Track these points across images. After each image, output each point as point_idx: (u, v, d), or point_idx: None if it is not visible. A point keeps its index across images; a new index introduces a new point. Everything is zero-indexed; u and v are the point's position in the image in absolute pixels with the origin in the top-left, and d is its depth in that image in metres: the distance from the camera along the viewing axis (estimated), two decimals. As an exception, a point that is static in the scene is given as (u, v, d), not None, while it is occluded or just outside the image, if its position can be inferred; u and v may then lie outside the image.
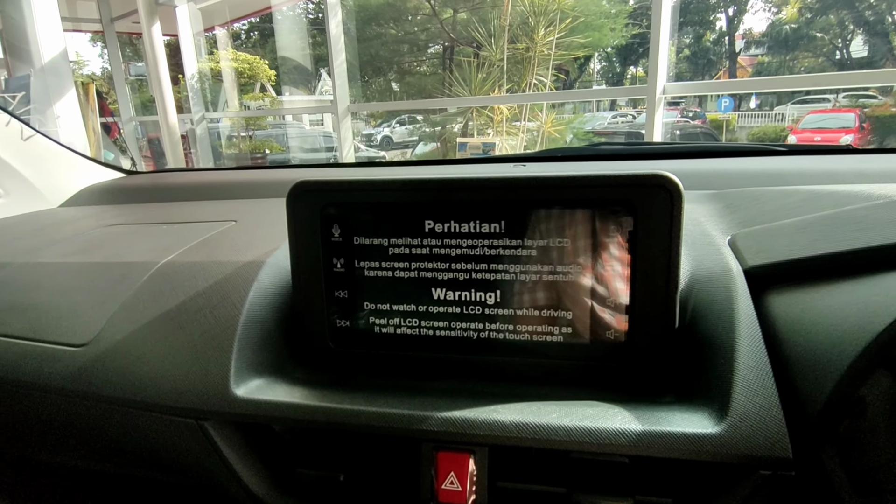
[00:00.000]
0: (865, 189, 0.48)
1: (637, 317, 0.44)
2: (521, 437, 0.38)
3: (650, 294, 0.43)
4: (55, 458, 0.55)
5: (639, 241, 0.43)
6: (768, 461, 0.35)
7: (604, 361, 0.45)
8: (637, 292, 0.43)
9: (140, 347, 0.49)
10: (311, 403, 0.43)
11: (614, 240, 0.43)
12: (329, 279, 0.49)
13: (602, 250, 0.44)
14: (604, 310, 0.44)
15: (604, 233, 0.43)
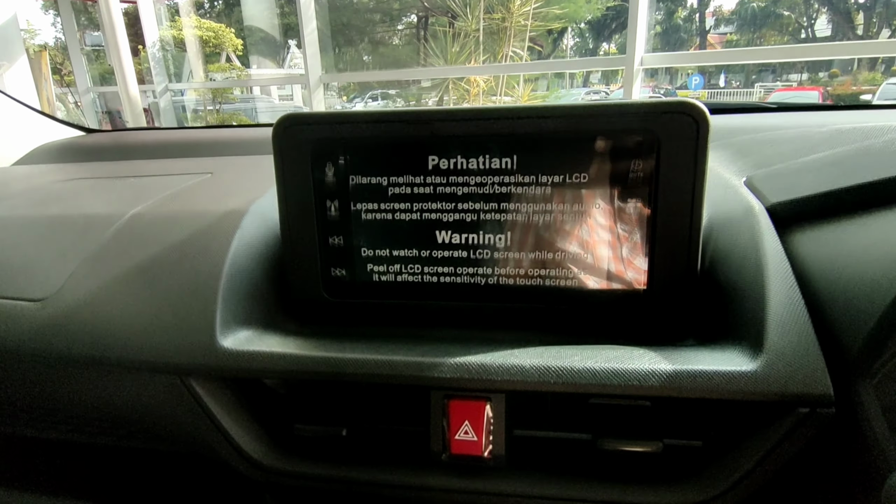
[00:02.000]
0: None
1: (658, 259, 0.41)
2: (543, 382, 0.35)
3: (672, 234, 0.40)
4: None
5: (661, 175, 0.39)
6: (807, 398, 0.33)
7: (622, 307, 0.42)
8: (658, 232, 0.40)
9: (108, 302, 0.44)
10: (307, 353, 0.39)
11: (634, 174, 0.40)
12: (322, 224, 0.44)
13: (621, 186, 0.40)
14: (622, 251, 0.41)
15: (623, 166, 0.40)
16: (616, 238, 0.41)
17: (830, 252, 0.38)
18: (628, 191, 0.40)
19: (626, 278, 0.42)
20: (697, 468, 0.36)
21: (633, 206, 0.40)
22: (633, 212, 0.41)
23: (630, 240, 0.41)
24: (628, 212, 0.41)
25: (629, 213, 0.41)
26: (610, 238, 0.41)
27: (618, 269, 0.42)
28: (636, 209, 0.40)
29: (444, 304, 0.44)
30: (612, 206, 0.41)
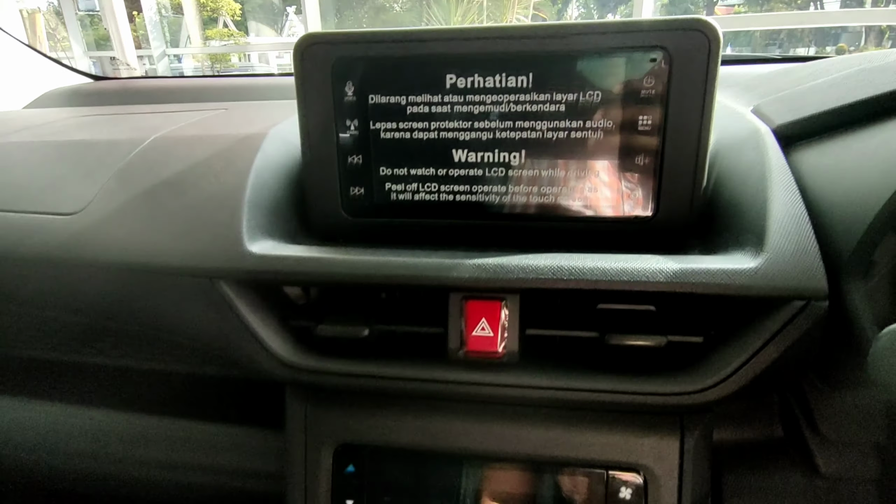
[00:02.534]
0: None
1: (666, 174, 0.42)
2: (557, 280, 0.37)
3: (681, 151, 0.42)
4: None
5: (672, 92, 0.41)
6: (803, 292, 0.35)
7: (630, 225, 0.44)
8: (667, 149, 0.42)
9: (138, 213, 0.45)
10: (331, 257, 0.41)
11: (647, 91, 0.41)
12: (342, 143, 0.46)
13: (633, 103, 0.42)
14: (633, 168, 0.43)
15: (636, 84, 0.41)
16: (627, 154, 0.43)
17: (832, 164, 0.40)
18: (641, 108, 0.42)
19: (636, 192, 0.44)
20: (697, 360, 0.39)
21: (644, 122, 0.42)
22: (645, 129, 0.42)
23: (640, 157, 0.43)
24: (640, 129, 0.42)
25: (641, 130, 0.42)
26: (621, 154, 0.43)
27: (628, 183, 0.44)
28: (648, 126, 0.42)
29: (459, 222, 0.46)
30: (625, 124, 0.42)
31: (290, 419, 0.46)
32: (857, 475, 0.42)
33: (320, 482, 0.44)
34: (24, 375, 0.59)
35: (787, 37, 13.81)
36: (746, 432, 0.45)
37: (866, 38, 13.58)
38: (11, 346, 0.60)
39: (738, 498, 0.43)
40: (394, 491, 0.44)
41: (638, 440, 0.41)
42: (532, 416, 0.43)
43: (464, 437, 0.43)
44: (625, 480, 0.41)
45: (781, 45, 15.80)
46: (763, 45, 15.86)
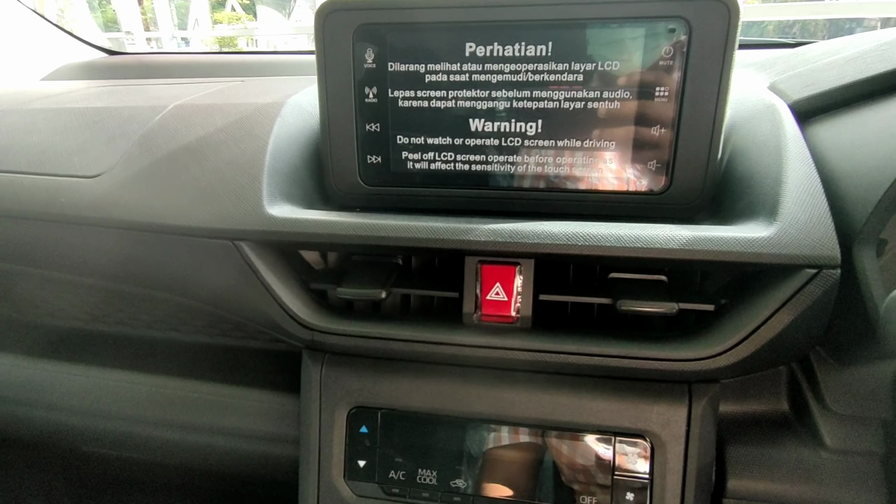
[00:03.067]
0: None
1: (682, 146, 0.43)
2: (571, 245, 0.38)
3: (697, 121, 0.42)
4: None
5: (690, 62, 0.41)
6: (816, 260, 0.35)
7: (645, 194, 0.44)
8: (684, 119, 0.42)
9: (161, 176, 0.46)
10: (350, 220, 0.41)
11: (665, 61, 0.42)
12: (360, 111, 0.47)
13: (651, 73, 0.42)
14: (649, 139, 0.43)
15: (655, 53, 0.41)
16: (644, 124, 0.43)
17: (848, 138, 0.40)
18: (658, 78, 0.42)
19: (651, 164, 0.44)
20: (707, 328, 0.39)
21: (661, 93, 0.42)
22: (661, 100, 0.42)
23: (656, 128, 0.43)
24: (657, 100, 0.42)
25: (657, 101, 0.42)
26: (637, 124, 0.43)
27: (643, 157, 0.44)
28: (664, 97, 0.42)
29: (474, 192, 0.47)
30: (641, 94, 0.42)
31: (306, 382, 0.47)
32: (862, 449, 0.43)
33: (334, 443, 0.46)
34: (57, 342, 0.60)
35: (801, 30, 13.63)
36: (752, 406, 0.46)
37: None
38: (43, 316, 0.62)
39: (742, 469, 0.44)
40: (405, 452, 0.45)
41: (646, 407, 0.42)
42: (542, 383, 0.43)
43: (475, 401, 0.44)
44: (632, 446, 0.42)
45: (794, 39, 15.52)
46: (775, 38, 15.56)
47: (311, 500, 0.46)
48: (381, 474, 0.45)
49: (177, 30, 6.30)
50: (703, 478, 0.42)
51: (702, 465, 0.41)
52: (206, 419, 0.53)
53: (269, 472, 0.54)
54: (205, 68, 0.91)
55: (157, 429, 0.55)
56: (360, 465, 0.45)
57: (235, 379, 0.54)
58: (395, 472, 0.45)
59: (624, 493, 0.42)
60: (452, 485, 0.44)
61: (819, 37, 2.24)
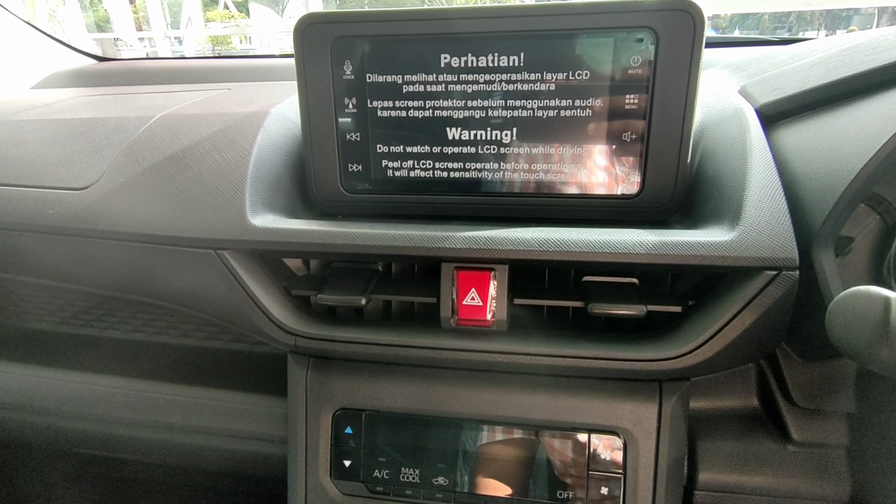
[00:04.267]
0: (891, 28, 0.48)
1: (652, 151, 0.44)
2: (544, 251, 0.39)
3: (667, 127, 0.43)
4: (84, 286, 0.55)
5: (658, 71, 0.42)
6: (775, 262, 0.37)
7: (618, 199, 0.46)
8: (654, 126, 0.44)
9: (146, 186, 0.48)
10: (330, 229, 0.43)
11: (634, 70, 0.43)
12: (340, 121, 0.48)
13: (621, 82, 0.43)
14: (620, 145, 0.45)
15: (624, 62, 0.43)
16: (614, 132, 0.45)
17: (809, 141, 0.42)
18: (628, 87, 0.43)
19: (622, 170, 0.45)
20: (675, 329, 0.41)
21: (631, 101, 0.44)
22: (632, 107, 0.44)
23: (627, 134, 0.44)
24: (627, 107, 0.44)
25: (628, 108, 0.44)
26: (609, 132, 0.45)
27: (615, 161, 0.45)
28: (634, 105, 0.44)
29: (453, 198, 0.48)
30: (612, 102, 0.44)
31: (292, 385, 0.48)
32: (828, 442, 0.44)
33: (320, 444, 0.47)
34: (45, 346, 0.62)
35: (797, 19, 13.57)
36: (723, 402, 0.48)
37: (879, 20, 13.32)
38: (32, 320, 0.63)
39: (713, 463, 0.46)
40: (388, 452, 0.46)
41: (618, 405, 0.43)
42: (519, 383, 0.45)
43: (455, 402, 0.45)
44: (605, 442, 0.43)
45: (790, 28, 15.48)
46: (772, 28, 15.56)
47: (299, 498, 0.48)
48: (365, 473, 0.47)
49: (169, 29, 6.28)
50: (675, 471, 0.43)
51: (673, 460, 0.43)
52: (198, 421, 0.55)
53: (260, 471, 0.56)
54: (193, 74, 0.92)
55: (150, 431, 0.56)
56: (346, 465, 0.47)
57: (225, 383, 0.55)
58: (380, 470, 0.46)
59: (599, 487, 0.43)
60: (435, 482, 0.46)
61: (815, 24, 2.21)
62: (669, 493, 0.43)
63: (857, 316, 0.28)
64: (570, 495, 0.44)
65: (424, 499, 0.46)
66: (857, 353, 0.28)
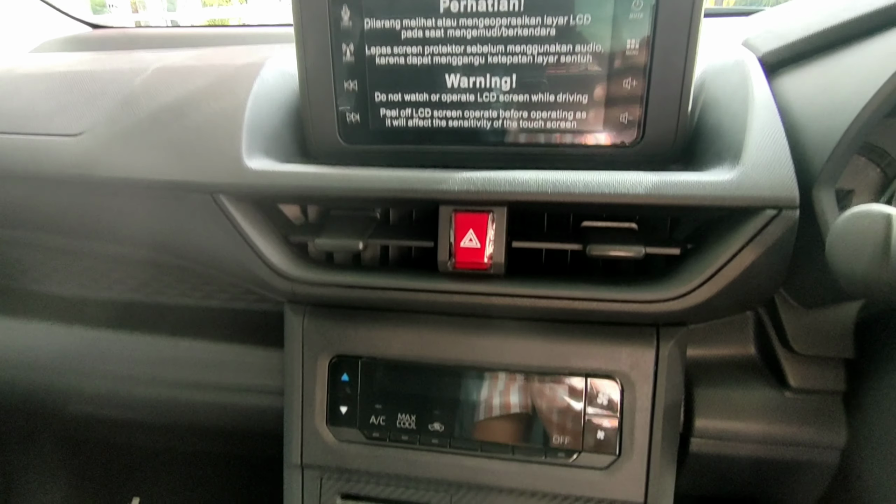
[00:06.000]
0: None
1: (653, 98, 0.44)
2: (542, 192, 0.39)
3: (668, 73, 0.43)
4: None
5: (660, 14, 0.42)
6: (776, 202, 0.37)
7: (617, 147, 0.45)
8: (655, 71, 0.43)
9: (141, 133, 0.47)
10: (327, 172, 0.42)
11: (636, 14, 0.42)
12: (338, 68, 0.47)
13: (622, 27, 0.43)
14: (621, 92, 0.44)
15: (626, 6, 0.42)
16: (615, 80, 0.44)
17: (811, 85, 0.42)
18: (629, 31, 0.43)
19: (623, 117, 0.45)
20: (673, 271, 0.41)
21: (632, 46, 0.43)
22: (633, 53, 0.43)
23: (628, 81, 0.44)
24: (628, 53, 0.43)
25: (629, 54, 0.43)
26: (609, 78, 0.44)
27: (615, 110, 0.45)
28: (636, 50, 0.43)
29: (452, 148, 0.48)
30: (613, 47, 0.43)
31: (289, 334, 0.48)
32: (824, 388, 0.45)
33: (316, 391, 0.47)
34: (38, 305, 0.61)
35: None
36: (720, 350, 0.48)
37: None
38: (29, 282, 0.62)
39: (709, 409, 0.46)
40: (384, 398, 0.46)
41: (616, 350, 0.43)
42: (516, 330, 0.45)
43: (452, 349, 0.45)
44: (603, 387, 0.44)
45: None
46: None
47: (295, 445, 0.48)
48: (362, 420, 0.47)
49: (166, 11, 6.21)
50: (672, 416, 0.43)
51: (670, 405, 0.43)
52: (192, 375, 0.55)
53: (255, 425, 0.56)
54: (187, 40, 0.91)
55: (143, 386, 0.56)
56: (342, 412, 0.47)
57: (220, 336, 0.55)
58: (376, 417, 0.46)
59: (595, 431, 0.43)
60: (431, 428, 0.46)
61: None
62: (666, 437, 0.43)
63: (859, 237, 0.28)
64: (566, 440, 0.44)
65: (421, 444, 0.46)
66: (857, 278, 0.28)
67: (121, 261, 0.58)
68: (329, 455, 0.47)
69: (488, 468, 0.45)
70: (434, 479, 0.46)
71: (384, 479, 0.47)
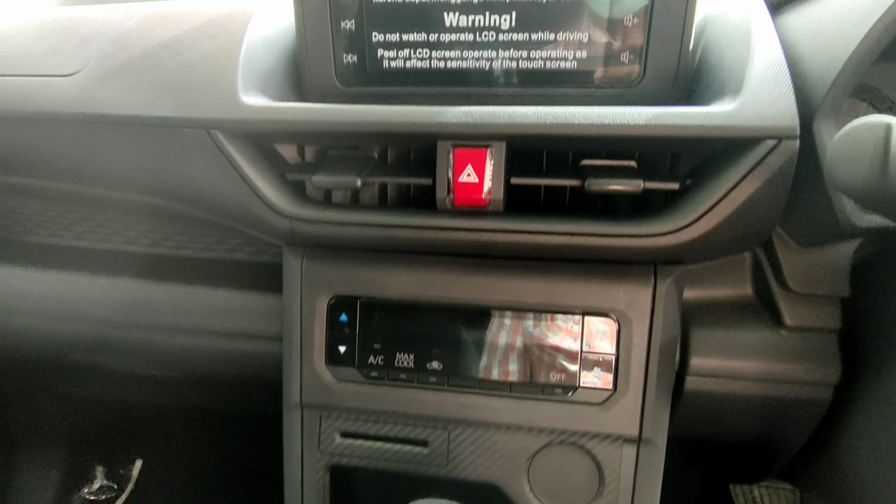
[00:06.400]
0: None
1: (654, 35, 0.43)
2: (541, 125, 0.39)
3: (670, 7, 0.42)
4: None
5: None
6: (776, 131, 0.36)
7: (618, 85, 0.45)
8: (657, 6, 0.42)
9: (135, 72, 0.47)
10: (323, 107, 0.42)
11: None
12: (335, 8, 0.46)
13: None
14: (621, 31, 0.44)
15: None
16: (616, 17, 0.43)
17: (815, 19, 0.41)
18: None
19: (624, 58, 0.44)
20: (672, 205, 0.40)
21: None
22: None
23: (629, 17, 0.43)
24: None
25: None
26: (610, 17, 0.43)
27: (616, 48, 0.44)
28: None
29: (450, 90, 0.47)
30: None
31: (288, 275, 0.48)
32: (820, 326, 0.45)
33: (315, 331, 0.47)
34: (35, 253, 0.61)
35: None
36: (717, 291, 0.48)
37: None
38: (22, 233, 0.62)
39: (705, 348, 0.46)
40: (383, 338, 0.47)
41: (613, 288, 0.43)
42: (515, 269, 0.45)
43: (450, 288, 0.46)
44: (599, 324, 0.44)
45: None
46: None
47: (294, 385, 0.48)
48: (360, 359, 0.47)
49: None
50: (667, 354, 0.44)
51: (665, 342, 0.43)
52: (190, 320, 0.55)
53: (255, 372, 0.56)
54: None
55: (140, 331, 0.56)
56: (341, 352, 0.47)
57: (219, 283, 0.55)
58: (374, 357, 0.47)
59: (591, 368, 0.44)
60: (429, 367, 0.46)
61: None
62: (662, 374, 0.43)
63: (858, 147, 0.27)
64: (563, 377, 0.44)
65: (419, 383, 0.46)
66: (857, 189, 0.28)
67: (118, 209, 0.58)
68: (328, 394, 0.48)
69: (486, 405, 0.45)
70: (432, 417, 0.47)
71: (383, 417, 0.47)
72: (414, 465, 0.48)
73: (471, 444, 0.47)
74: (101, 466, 1.10)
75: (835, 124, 0.38)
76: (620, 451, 0.45)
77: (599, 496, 0.45)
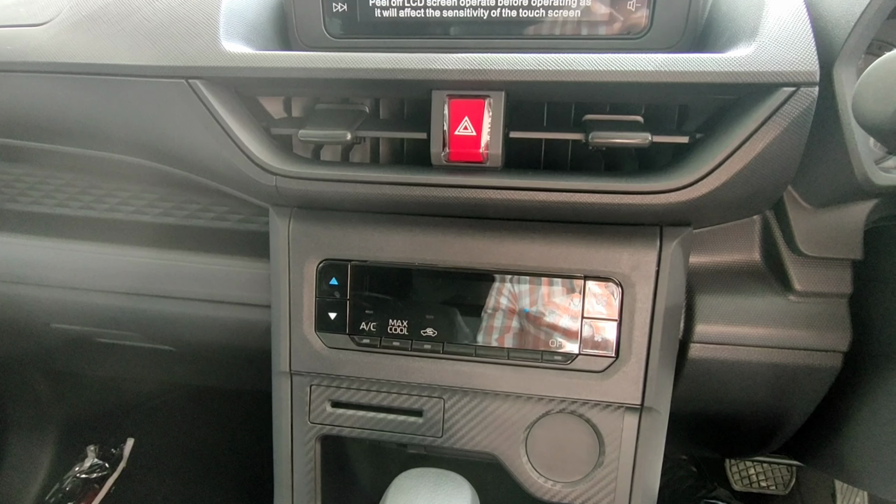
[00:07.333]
0: None
1: None
2: (541, 71, 0.36)
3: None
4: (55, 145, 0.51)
5: None
6: (794, 77, 0.34)
7: (625, 38, 0.42)
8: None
9: (110, 18, 0.43)
10: (310, 54, 0.39)
11: None
12: None
13: None
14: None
15: None
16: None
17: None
18: None
19: (630, 8, 0.42)
20: (681, 160, 0.38)
21: None
22: None
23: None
24: None
25: None
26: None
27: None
28: None
29: (446, 42, 0.45)
30: None
31: (275, 238, 0.46)
32: (830, 291, 0.43)
33: (304, 296, 0.45)
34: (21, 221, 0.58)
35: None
36: (724, 257, 0.46)
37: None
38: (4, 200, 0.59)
39: (710, 315, 0.44)
40: (375, 304, 0.45)
41: (616, 250, 0.41)
42: (513, 231, 0.43)
43: (445, 251, 0.43)
44: (601, 288, 0.42)
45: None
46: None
47: (283, 352, 0.46)
48: (352, 326, 0.45)
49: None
50: (672, 320, 0.42)
51: (670, 307, 0.41)
52: (177, 287, 0.52)
53: (244, 341, 0.54)
54: None
55: (127, 300, 0.54)
56: (331, 318, 0.45)
57: (206, 248, 0.53)
58: (366, 323, 0.45)
59: (593, 334, 0.42)
60: (423, 334, 0.44)
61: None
62: (666, 341, 0.42)
63: (889, 80, 0.25)
64: (563, 344, 0.42)
65: (413, 350, 0.44)
66: (885, 127, 0.26)
67: (101, 174, 0.55)
68: (318, 362, 0.45)
69: (483, 373, 0.44)
70: (427, 385, 0.45)
71: (375, 386, 0.46)
72: (408, 435, 0.46)
73: (467, 414, 0.45)
74: (92, 445, 1.09)
75: (855, 72, 0.36)
76: (622, 420, 0.43)
77: (599, 466, 0.44)
